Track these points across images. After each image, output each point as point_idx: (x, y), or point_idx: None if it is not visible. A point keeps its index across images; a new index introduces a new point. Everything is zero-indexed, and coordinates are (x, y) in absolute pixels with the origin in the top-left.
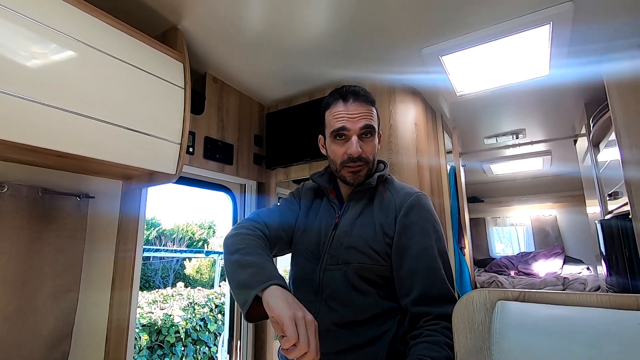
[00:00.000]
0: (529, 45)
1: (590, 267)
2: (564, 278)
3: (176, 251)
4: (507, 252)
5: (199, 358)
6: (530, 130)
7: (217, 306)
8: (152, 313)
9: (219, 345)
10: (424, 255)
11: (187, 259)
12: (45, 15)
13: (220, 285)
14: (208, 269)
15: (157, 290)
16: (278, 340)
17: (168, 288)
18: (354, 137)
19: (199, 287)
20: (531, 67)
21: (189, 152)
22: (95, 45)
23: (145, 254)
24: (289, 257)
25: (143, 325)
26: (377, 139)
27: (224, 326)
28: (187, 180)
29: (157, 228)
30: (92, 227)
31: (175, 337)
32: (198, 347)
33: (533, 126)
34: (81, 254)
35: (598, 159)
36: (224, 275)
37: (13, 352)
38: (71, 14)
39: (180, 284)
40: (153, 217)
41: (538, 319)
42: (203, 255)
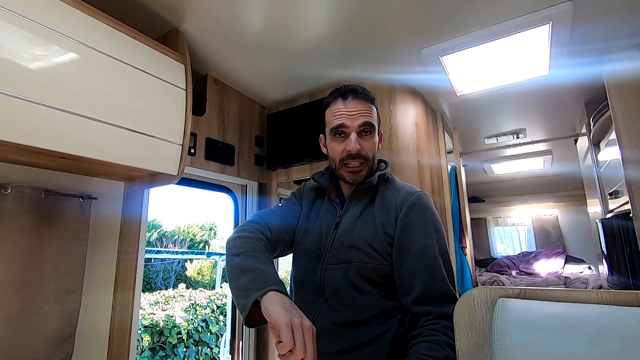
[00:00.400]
0: (528, 45)
1: (591, 267)
2: (566, 277)
3: (177, 252)
4: (509, 252)
5: (201, 359)
6: (531, 130)
7: (218, 307)
8: (154, 314)
9: (220, 346)
10: (424, 254)
11: (189, 261)
12: (47, 17)
13: (221, 287)
14: (209, 270)
15: (158, 291)
16: (276, 347)
17: (170, 289)
18: (352, 134)
19: (201, 289)
20: (531, 67)
21: (190, 153)
22: (97, 47)
23: (147, 256)
24: (290, 259)
25: (145, 326)
26: (378, 137)
27: (226, 327)
28: (188, 181)
29: (158, 230)
30: (95, 229)
31: (177, 339)
32: (200, 348)
33: (533, 126)
34: (84, 255)
35: (599, 158)
36: (225, 277)
37: (16, 353)
38: (74, 17)
39: (181, 285)
40: (154, 218)
41: (539, 316)
42: (204, 256)
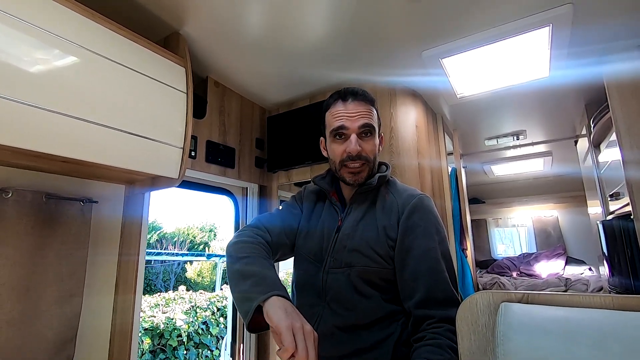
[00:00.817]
0: (528, 47)
1: (592, 268)
2: (567, 279)
3: (177, 254)
4: (509, 253)
5: None
6: (531, 132)
7: (218, 309)
8: (155, 317)
9: (221, 348)
10: (426, 257)
11: (189, 262)
12: (48, 21)
13: (221, 289)
14: (209, 272)
15: (159, 293)
16: (277, 354)
17: (170, 292)
18: (353, 136)
19: (201, 291)
20: (531, 69)
21: (191, 156)
22: (98, 51)
23: (147, 258)
24: (291, 261)
25: (145, 329)
26: (378, 139)
27: (227, 329)
28: (189, 184)
29: (158, 231)
30: (96, 232)
31: (178, 341)
32: (200, 350)
33: (534, 127)
34: (85, 258)
35: (599, 159)
36: (225, 279)
37: (17, 356)
38: (74, 20)
39: (182, 287)
40: (154, 220)
41: (542, 320)
42: (204, 258)
